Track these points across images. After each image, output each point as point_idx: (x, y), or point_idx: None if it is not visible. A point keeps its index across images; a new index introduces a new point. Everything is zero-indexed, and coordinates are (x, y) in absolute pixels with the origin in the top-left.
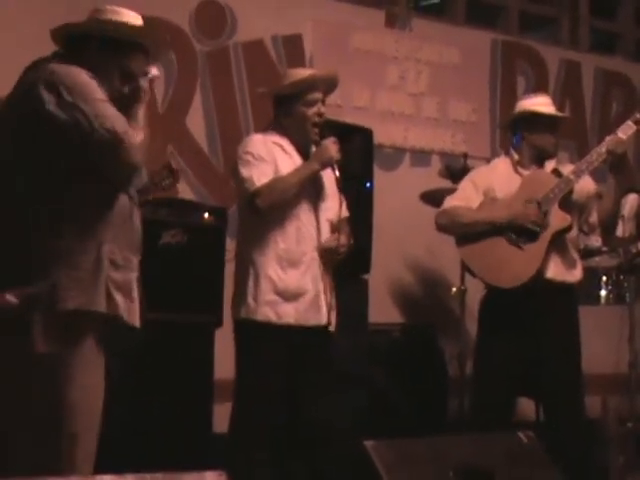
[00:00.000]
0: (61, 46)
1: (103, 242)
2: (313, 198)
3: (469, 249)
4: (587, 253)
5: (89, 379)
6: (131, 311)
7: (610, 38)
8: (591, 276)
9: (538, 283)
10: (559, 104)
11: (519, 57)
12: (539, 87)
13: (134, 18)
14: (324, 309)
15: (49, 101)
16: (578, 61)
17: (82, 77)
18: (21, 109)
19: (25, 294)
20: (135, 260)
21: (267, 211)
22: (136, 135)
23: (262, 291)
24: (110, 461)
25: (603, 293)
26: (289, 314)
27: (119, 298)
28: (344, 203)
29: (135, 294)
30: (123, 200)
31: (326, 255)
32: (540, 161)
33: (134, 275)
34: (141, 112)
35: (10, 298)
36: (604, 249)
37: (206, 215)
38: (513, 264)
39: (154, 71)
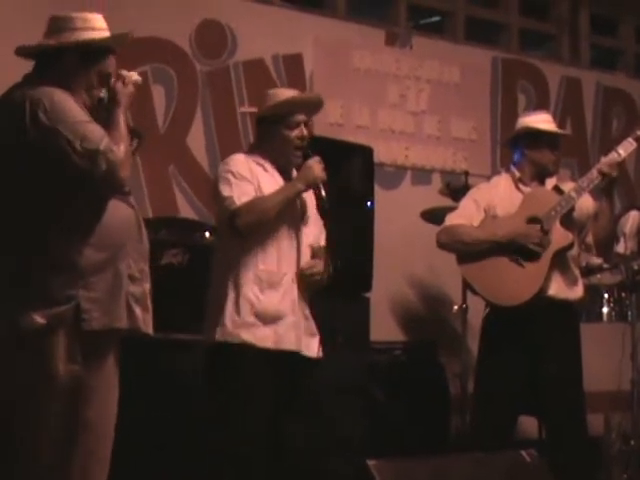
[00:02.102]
0: (33, 61)
1: (119, 258)
2: (296, 221)
3: (470, 267)
4: (589, 270)
5: (106, 398)
6: (146, 321)
7: (611, 54)
8: (593, 293)
9: (540, 301)
10: (560, 121)
11: (520, 74)
12: (540, 104)
13: (99, 21)
14: (302, 335)
15: (30, 129)
16: (579, 78)
17: (60, 100)
18: (7, 140)
19: (51, 314)
20: (147, 269)
21: (246, 231)
22: (119, 148)
23: (240, 313)
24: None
25: (605, 310)
26: (268, 338)
27: (138, 311)
28: (324, 232)
29: (149, 303)
30: (128, 212)
31: (303, 280)
32: (541, 178)
33: (148, 285)
34: (122, 116)
35: (37, 318)
36: (606, 266)
37: (207, 234)
38: (515, 282)
39: (127, 73)
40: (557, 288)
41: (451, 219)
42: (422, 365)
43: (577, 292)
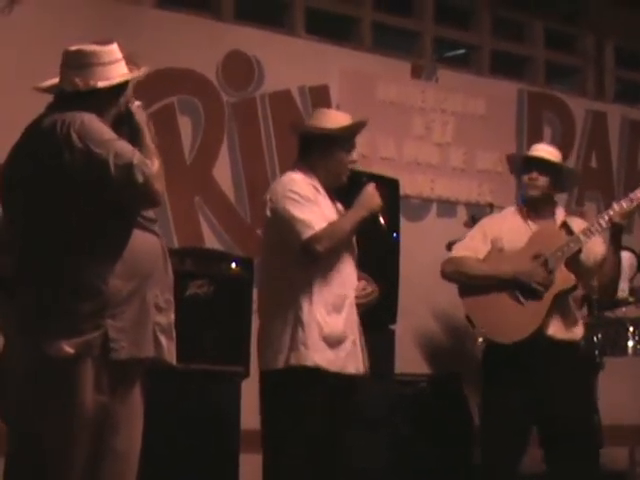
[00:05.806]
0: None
1: (146, 287)
2: (351, 245)
3: (472, 301)
4: (614, 304)
5: (132, 428)
6: (171, 351)
7: (636, 88)
8: (618, 327)
9: (539, 340)
10: (585, 154)
11: (545, 107)
12: (565, 137)
13: (118, 51)
14: (360, 356)
15: (64, 152)
16: (604, 111)
17: (89, 120)
18: (39, 167)
19: (80, 343)
20: (172, 299)
21: (325, 256)
22: (152, 164)
23: (310, 336)
24: None
25: (630, 344)
26: (335, 362)
27: (164, 340)
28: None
29: (174, 333)
30: (155, 242)
31: (359, 302)
32: (543, 208)
33: (173, 315)
34: (147, 134)
35: (66, 347)
36: (631, 300)
37: (233, 265)
38: (514, 319)
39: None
40: (555, 328)
41: (457, 250)
42: (447, 397)
43: (576, 333)
